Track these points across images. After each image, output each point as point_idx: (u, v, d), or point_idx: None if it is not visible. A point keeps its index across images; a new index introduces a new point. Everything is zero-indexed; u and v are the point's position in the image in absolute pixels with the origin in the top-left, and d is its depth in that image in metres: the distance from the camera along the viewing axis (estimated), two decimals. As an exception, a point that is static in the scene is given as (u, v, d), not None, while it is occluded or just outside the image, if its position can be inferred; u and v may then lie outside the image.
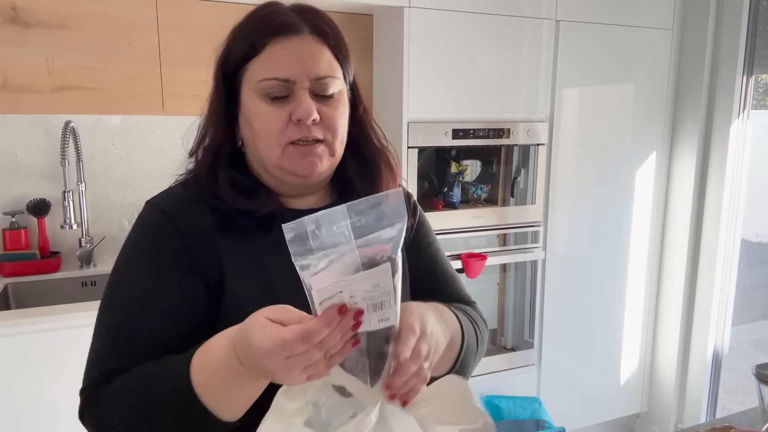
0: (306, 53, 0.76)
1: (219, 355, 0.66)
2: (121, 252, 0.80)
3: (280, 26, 0.76)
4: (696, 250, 2.61)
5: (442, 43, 2.08)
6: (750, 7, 2.38)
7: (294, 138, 0.77)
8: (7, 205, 1.92)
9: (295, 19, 0.77)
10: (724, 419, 1.17)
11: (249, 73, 0.78)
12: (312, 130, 0.77)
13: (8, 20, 1.86)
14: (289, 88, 0.76)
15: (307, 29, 0.77)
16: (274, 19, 0.77)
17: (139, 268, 0.77)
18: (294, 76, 0.75)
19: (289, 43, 0.76)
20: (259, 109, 0.77)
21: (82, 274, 1.93)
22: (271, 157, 0.79)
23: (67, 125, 1.83)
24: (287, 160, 0.78)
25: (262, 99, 0.77)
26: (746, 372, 2.90)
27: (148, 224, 0.80)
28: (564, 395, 2.56)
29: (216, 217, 0.79)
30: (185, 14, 2.03)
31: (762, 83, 2.67)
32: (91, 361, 0.75)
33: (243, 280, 0.77)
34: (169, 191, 0.83)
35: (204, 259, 0.77)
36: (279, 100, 0.76)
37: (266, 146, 0.78)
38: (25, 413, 1.50)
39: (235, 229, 0.79)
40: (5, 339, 1.47)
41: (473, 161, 2.30)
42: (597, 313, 2.59)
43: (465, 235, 2.25)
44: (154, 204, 0.81)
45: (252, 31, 0.78)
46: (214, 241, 0.78)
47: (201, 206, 0.79)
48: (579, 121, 2.39)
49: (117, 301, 0.76)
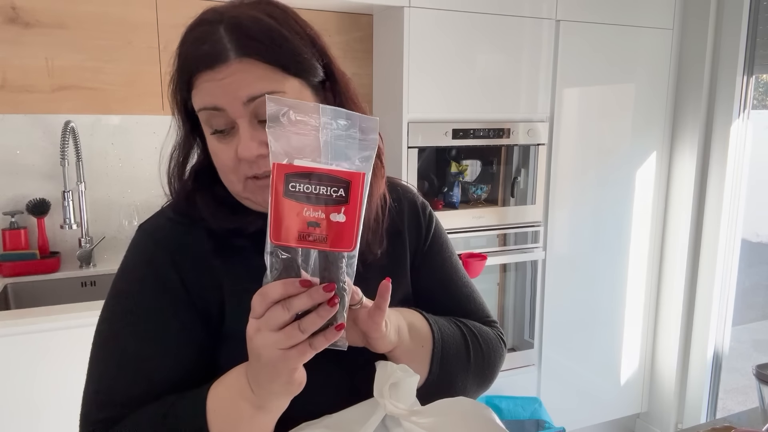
0: (233, 82, 0.67)
1: (233, 386, 0.65)
2: (114, 284, 0.76)
3: (202, 59, 0.69)
4: (696, 250, 2.61)
5: (442, 43, 2.08)
6: (750, 7, 2.38)
7: (249, 174, 0.71)
8: (7, 205, 1.92)
9: (218, 45, 0.68)
10: (725, 419, 1.16)
11: (193, 103, 0.73)
12: (263, 165, 0.70)
13: (8, 20, 1.86)
14: (227, 118, 0.69)
15: (233, 53, 0.68)
16: (198, 50, 0.69)
17: (133, 308, 0.73)
18: (224, 105, 0.68)
19: (214, 75, 0.68)
20: (212, 145, 0.73)
21: (81, 274, 1.93)
22: (236, 191, 0.74)
23: (67, 125, 1.83)
24: (252, 194, 0.73)
25: (211, 134, 0.72)
26: (746, 372, 2.90)
27: (140, 256, 0.76)
28: (564, 395, 2.55)
29: (212, 241, 0.75)
30: (185, 14, 2.01)
31: (762, 83, 2.66)
32: (90, 403, 0.72)
33: (244, 307, 0.75)
34: (158, 214, 0.80)
35: (202, 289, 0.74)
36: (224, 134, 0.71)
37: (228, 182, 0.74)
38: (25, 413, 1.50)
39: (232, 252, 0.76)
40: (5, 339, 1.47)
41: (473, 161, 2.30)
42: (597, 313, 2.59)
43: (465, 235, 2.25)
44: (145, 231, 0.77)
45: (182, 65, 0.72)
46: (212, 268, 0.75)
47: (195, 230, 0.76)
48: (579, 121, 2.39)
49: (111, 343, 0.73)
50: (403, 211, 0.88)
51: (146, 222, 0.79)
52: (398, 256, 0.86)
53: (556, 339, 2.50)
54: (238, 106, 0.68)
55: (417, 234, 0.89)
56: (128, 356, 0.71)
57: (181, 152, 0.79)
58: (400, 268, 0.86)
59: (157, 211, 0.81)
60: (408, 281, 0.87)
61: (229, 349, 0.73)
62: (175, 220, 0.77)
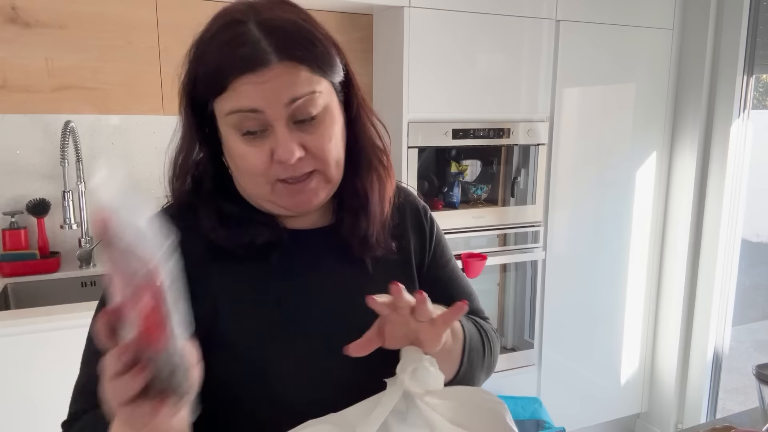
0: (273, 84, 0.67)
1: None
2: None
3: (243, 62, 0.67)
4: (696, 250, 2.61)
5: (442, 43, 2.08)
6: (750, 7, 2.37)
7: (281, 177, 0.70)
8: (7, 205, 1.92)
9: (259, 48, 0.67)
10: (725, 419, 1.16)
11: (218, 107, 0.70)
12: (299, 168, 0.70)
13: (8, 20, 1.86)
14: (262, 120, 0.68)
15: (275, 56, 0.67)
16: (236, 53, 0.67)
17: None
18: (264, 107, 0.67)
19: (254, 78, 0.66)
20: (238, 148, 0.70)
21: (81, 274, 1.93)
22: (261, 194, 0.73)
23: (67, 125, 1.83)
24: (279, 197, 0.72)
25: (237, 135, 0.70)
26: (746, 372, 2.90)
27: None
28: (564, 395, 2.55)
29: (210, 248, 0.73)
30: (185, 14, 2.03)
31: (762, 83, 2.66)
32: (72, 396, 0.76)
33: (238, 314, 0.73)
34: (161, 215, 0.78)
35: (195, 296, 0.70)
36: (256, 136, 0.69)
37: (253, 184, 0.72)
38: (25, 413, 1.50)
39: (230, 260, 0.74)
40: (5, 339, 1.47)
41: (473, 161, 2.30)
42: (597, 313, 2.59)
43: (465, 235, 2.25)
44: None
45: (215, 66, 0.68)
46: (207, 274, 0.73)
47: (193, 235, 0.73)
48: (579, 121, 2.39)
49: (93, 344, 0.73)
50: (406, 213, 0.89)
51: None
52: (403, 256, 0.86)
53: (556, 339, 2.50)
54: (279, 108, 0.67)
55: (421, 237, 0.89)
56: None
57: (183, 154, 0.77)
58: (406, 267, 0.86)
59: (157, 212, 0.80)
60: (415, 283, 0.87)
61: (223, 358, 0.72)
62: (174, 222, 0.75)
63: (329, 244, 0.80)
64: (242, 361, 0.73)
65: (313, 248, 0.80)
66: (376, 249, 0.81)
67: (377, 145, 0.81)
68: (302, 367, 0.74)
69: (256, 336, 0.73)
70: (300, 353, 0.74)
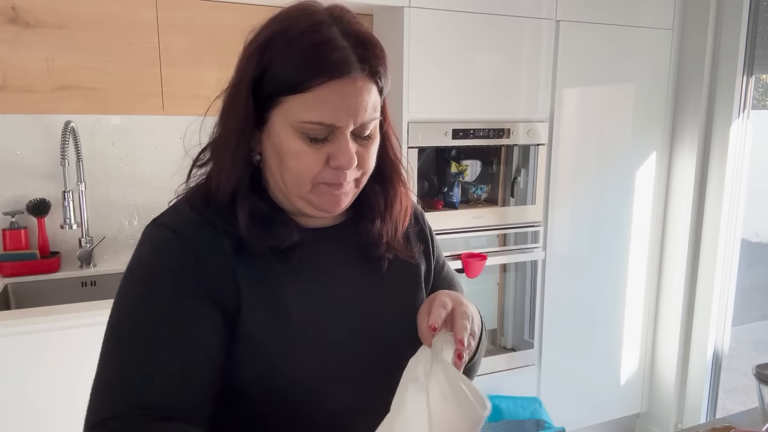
0: (357, 100, 0.69)
1: None
2: (129, 277, 0.73)
3: (333, 67, 0.67)
4: (696, 250, 2.61)
5: (442, 43, 2.08)
6: (750, 7, 2.38)
7: (328, 180, 0.73)
8: (7, 205, 1.92)
9: (349, 55, 0.68)
10: (724, 419, 1.17)
11: (288, 106, 0.70)
12: (348, 175, 0.73)
13: (8, 20, 1.86)
14: (330, 130, 0.70)
15: (359, 67, 0.69)
16: (327, 56, 0.67)
17: (154, 303, 0.70)
18: (340, 123, 0.69)
19: (340, 87, 0.68)
20: (295, 147, 0.71)
21: (82, 274, 1.93)
22: (299, 192, 0.74)
23: (67, 125, 1.83)
24: (315, 196, 0.74)
25: (298, 137, 0.70)
26: (746, 372, 2.90)
27: (161, 248, 0.72)
28: (564, 395, 2.55)
29: (231, 242, 0.73)
30: (185, 14, 2.03)
31: (762, 83, 2.67)
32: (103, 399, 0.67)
33: (260, 312, 0.74)
34: (176, 211, 0.76)
35: (221, 289, 0.72)
36: (318, 141, 0.71)
37: (295, 183, 0.73)
38: (25, 413, 1.50)
39: (251, 254, 0.74)
40: (5, 339, 1.47)
41: (473, 161, 2.30)
42: (597, 313, 2.59)
43: (465, 235, 2.25)
44: (164, 225, 0.74)
45: (301, 63, 0.68)
46: (231, 269, 0.73)
47: (214, 230, 0.73)
48: (579, 121, 2.39)
49: (131, 337, 0.69)
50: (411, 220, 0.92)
51: (161, 216, 0.76)
52: (412, 261, 0.89)
53: (556, 339, 2.50)
54: (350, 126, 0.70)
55: (423, 243, 0.92)
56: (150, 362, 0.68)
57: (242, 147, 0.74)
58: (415, 271, 0.89)
59: (171, 206, 0.78)
60: (421, 287, 0.89)
61: (246, 359, 0.73)
62: (193, 216, 0.74)
63: (344, 241, 0.83)
64: (263, 360, 0.73)
65: (331, 246, 0.82)
66: (391, 251, 0.84)
67: (399, 158, 0.85)
68: (321, 364, 0.76)
69: (272, 335, 0.74)
70: (319, 351, 0.76)
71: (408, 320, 0.78)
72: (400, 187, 0.85)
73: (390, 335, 0.81)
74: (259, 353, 0.73)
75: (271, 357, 0.73)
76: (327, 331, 0.77)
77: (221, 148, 0.75)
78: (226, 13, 2.04)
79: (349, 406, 0.76)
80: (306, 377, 0.74)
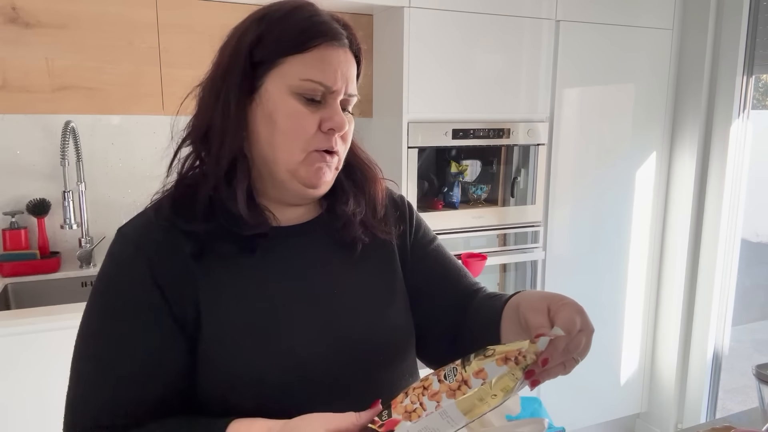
0: (348, 68, 0.75)
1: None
2: (92, 290, 0.75)
3: (331, 32, 0.74)
4: (696, 250, 2.61)
5: (442, 43, 2.08)
6: (750, 7, 2.38)
7: (320, 147, 0.74)
8: (7, 205, 1.92)
9: (339, 29, 0.76)
10: (724, 419, 1.17)
11: (287, 67, 0.72)
12: (337, 142, 0.76)
13: (8, 20, 1.86)
14: (324, 95, 0.74)
15: (347, 43, 0.76)
16: (322, 24, 0.74)
17: (113, 320, 0.72)
18: (337, 87, 0.74)
19: (335, 52, 0.74)
20: (291, 107, 0.72)
21: (82, 274, 1.93)
22: (290, 161, 0.74)
23: (67, 125, 1.83)
24: (305, 167, 0.75)
25: (295, 98, 0.73)
26: (746, 372, 2.90)
27: (118, 259, 0.74)
28: (564, 395, 2.55)
29: (191, 244, 0.73)
30: (185, 14, 2.03)
31: (762, 83, 2.67)
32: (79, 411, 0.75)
33: (223, 314, 0.73)
34: (141, 218, 0.77)
35: (180, 296, 0.72)
36: (312, 103, 0.73)
37: (288, 148, 0.74)
38: (25, 413, 1.50)
39: (213, 255, 0.74)
40: (5, 339, 1.47)
41: (473, 161, 2.30)
42: (597, 313, 2.58)
43: (465, 235, 2.25)
44: (125, 234, 0.75)
45: (301, 27, 0.73)
46: (191, 273, 0.73)
47: (175, 233, 0.73)
48: (579, 121, 2.39)
49: (93, 351, 0.73)
50: (388, 205, 0.93)
51: (126, 225, 0.77)
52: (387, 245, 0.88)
53: (556, 339, 2.49)
54: (342, 89, 0.75)
55: (401, 225, 0.91)
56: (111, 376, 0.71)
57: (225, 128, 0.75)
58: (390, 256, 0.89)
59: (139, 213, 0.79)
60: (398, 271, 0.89)
61: (205, 354, 0.73)
62: (155, 223, 0.75)
63: (317, 234, 0.83)
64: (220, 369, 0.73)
65: (301, 242, 0.81)
66: (367, 233, 0.84)
67: (356, 144, 0.87)
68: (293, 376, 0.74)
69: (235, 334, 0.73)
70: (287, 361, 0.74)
71: (384, 322, 0.80)
72: (370, 170, 0.88)
73: (365, 337, 0.79)
74: (222, 362, 0.72)
75: (234, 366, 0.72)
76: (295, 341, 0.75)
77: (219, 115, 0.75)
78: (226, 13, 2.04)
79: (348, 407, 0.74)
80: (274, 386, 0.73)
